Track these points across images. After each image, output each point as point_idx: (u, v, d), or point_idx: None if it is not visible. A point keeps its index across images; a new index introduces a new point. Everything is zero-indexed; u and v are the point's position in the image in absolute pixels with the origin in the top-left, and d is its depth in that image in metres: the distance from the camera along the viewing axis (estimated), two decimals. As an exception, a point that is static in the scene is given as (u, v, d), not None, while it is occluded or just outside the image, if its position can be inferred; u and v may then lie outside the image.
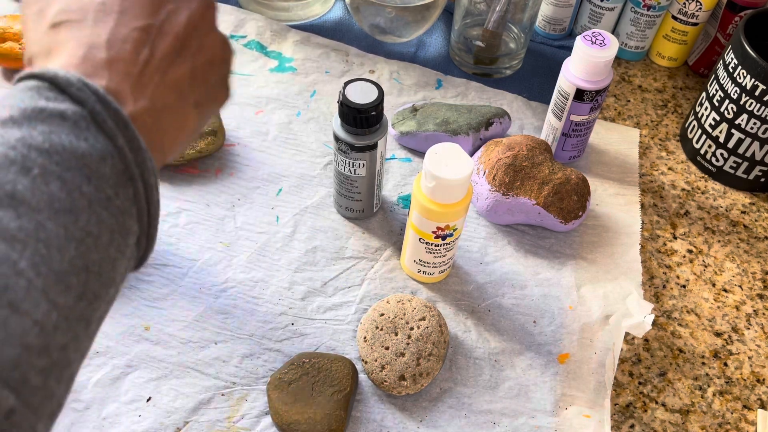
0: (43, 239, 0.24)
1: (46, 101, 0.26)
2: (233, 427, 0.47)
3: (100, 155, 0.26)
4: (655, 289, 0.58)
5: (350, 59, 0.72)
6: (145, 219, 0.28)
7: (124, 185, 0.27)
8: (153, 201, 0.29)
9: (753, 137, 0.61)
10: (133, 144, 0.27)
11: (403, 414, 0.49)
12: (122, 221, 0.27)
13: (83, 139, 0.26)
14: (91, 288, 0.25)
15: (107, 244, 0.26)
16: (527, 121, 0.69)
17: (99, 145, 0.26)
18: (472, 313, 0.54)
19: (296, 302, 0.54)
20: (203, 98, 0.33)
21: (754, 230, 0.63)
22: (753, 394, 0.52)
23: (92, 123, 0.26)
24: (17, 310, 0.22)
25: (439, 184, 0.47)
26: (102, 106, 0.27)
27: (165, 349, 0.50)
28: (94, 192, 0.25)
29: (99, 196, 0.26)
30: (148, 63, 0.30)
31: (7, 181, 0.24)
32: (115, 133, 0.27)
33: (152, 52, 0.30)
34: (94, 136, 0.26)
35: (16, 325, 0.22)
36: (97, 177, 0.26)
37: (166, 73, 0.30)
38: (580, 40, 0.56)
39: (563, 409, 0.50)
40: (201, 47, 0.32)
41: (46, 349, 0.23)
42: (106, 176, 0.26)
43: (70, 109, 0.26)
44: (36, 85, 0.26)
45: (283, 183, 0.61)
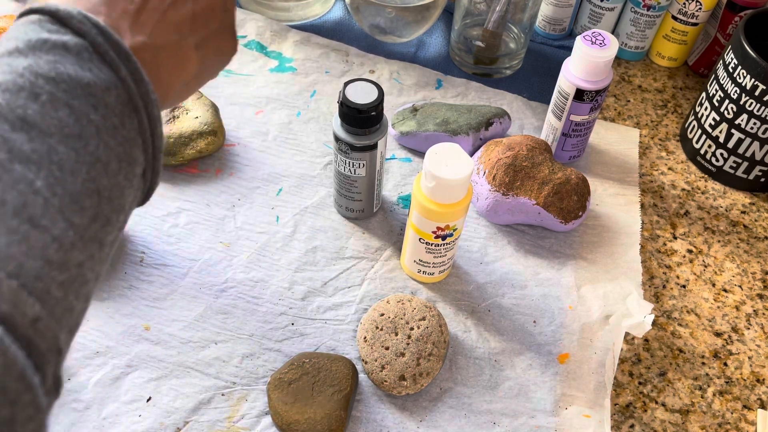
0: (56, 161, 0.24)
1: (49, 33, 0.26)
2: (233, 427, 0.47)
3: (104, 85, 0.27)
4: (655, 289, 0.58)
5: (350, 59, 0.72)
6: (150, 150, 0.29)
7: (129, 115, 0.27)
8: (157, 133, 0.29)
9: (753, 137, 0.61)
10: (135, 75, 0.28)
11: (403, 414, 0.49)
12: (129, 150, 0.27)
13: (87, 69, 0.26)
14: (103, 211, 0.26)
15: (116, 171, 0.27)
16: (527, 121, 0.69)
17: (103, 75, 0.27)
18: (472, 313, 0.54)
19: (296, 302, 0.54)
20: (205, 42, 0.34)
21: (754, 230, 0.63)
22: (753, 394, 0.52)
23: (95, 54, 0.27)
24: (37, 226, 0.23)
25: (439, 184, 0.47)
26: (103, 38, 0.27)
27: (165, 349, 0.50)
28: (101, 120, 0.26)
29: (106, 125, 0.26)
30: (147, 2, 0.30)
31: (17, 105, 0.24)
32: (117, 65, 0.27)
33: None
34: (98, 67, 0.27)
35: (37, 239, 0.23)
36: (104, 106, 0.26)
37: (166, 12, 0.31)
38: (580, 40, 0.56)
39: (563, 409, 0.50)
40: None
41: (65, 264, 0.24)
42: (112, 106, 0.27)
43: (72, 40, 0.27)
44: (38, 18, 0.27)
45: (283, 183, 0.61)
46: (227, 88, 0.68)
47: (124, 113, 0.27)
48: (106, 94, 0.27)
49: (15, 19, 0.28)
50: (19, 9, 0.72)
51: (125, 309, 0.52)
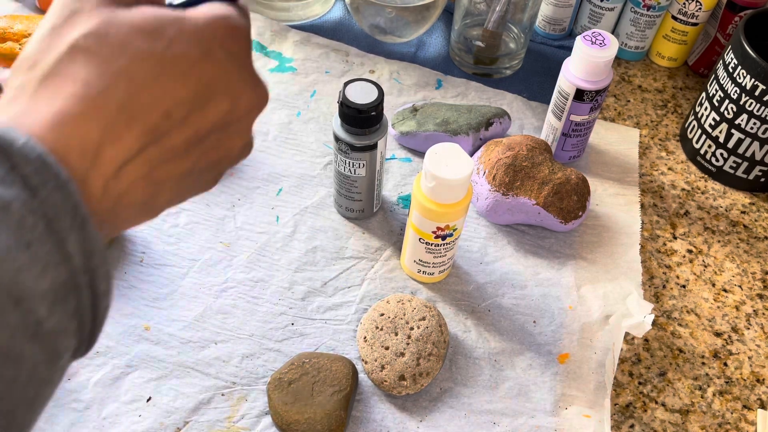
0: None
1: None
2: (233, 427, 0.47)
3: (42, 266, 0.21)
4: (655, 289, 0.58)
5: (350, 59, 0.72)
6: (87, 329, 0.23)
7: (63, 300, 0.22)
8: (100, 308, 0.24)
9: (753, 137, 0.61)
10: (85, 247, 0.22)
11: (403, 414, 0.49)
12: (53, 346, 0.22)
13: (24, 244, 0.20)
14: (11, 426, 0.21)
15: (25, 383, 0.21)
16: (527, 121, 0.69)
17: (42, 252, 0.21)
18: (472, 313, 0.54)
19: (296, 302, 0.54)
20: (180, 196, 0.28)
21: (754, 230, 0.63)
22: (753, 394, 0.52)
23: (41, 220, 0.21)
24: None
25: (439, 184, 0.47)
26: (60, 196, 0.21)
27: (165, 349, 0.50)
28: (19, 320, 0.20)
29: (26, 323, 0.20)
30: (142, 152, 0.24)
31: None
32: (66, 236, 0.21)
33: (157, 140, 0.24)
34: (40, 239, 0.21)
35: None
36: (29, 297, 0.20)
37: (155, 170, 0.25)
38: (580, 40, 0.56)
39: (563, 409, 0.50)
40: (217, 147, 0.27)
41: None
42: (42, 293, 0.21)
43: (18, 198, 0.20)
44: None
45: (283, 183, 0.61)
46: (227, 88, 0.68)
47: (57, 299, 0.21)
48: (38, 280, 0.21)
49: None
50: (19, 9, 0.72)
51: (125, 309, 0.52)
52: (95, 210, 0.24)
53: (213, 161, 0.28)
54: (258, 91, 0.28)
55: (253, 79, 0.27)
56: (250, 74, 0.27)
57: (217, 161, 0.28)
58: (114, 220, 0.25)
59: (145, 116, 0.24)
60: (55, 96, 0.23)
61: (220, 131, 0.27)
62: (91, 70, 0.23)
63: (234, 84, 0.26)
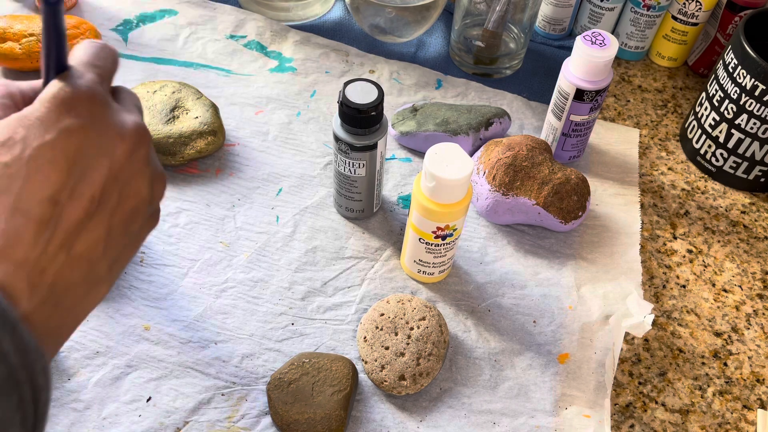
0: None
1: None
2: (233, 427, 0.47)
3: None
4: (655, 289, 0.58)
5: (350, 59, 0.72)
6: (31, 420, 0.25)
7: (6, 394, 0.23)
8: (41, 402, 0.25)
9: (753, 137, 0.61)
10: (20, 346, 0.24)
11: (403, 414, 0.49)
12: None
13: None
14: None
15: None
16: (527, 121, 0.69)
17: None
18: (472, 313, 0.54)
19: (296, 302, 0.54)
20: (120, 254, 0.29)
21: (754, 230, 0.63)
22: (753, 394, 0.52)
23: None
24: None
25: (439, 184, 0.47)
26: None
27: (165, 349, 0.50)
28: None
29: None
30: (50, 242, 0.26)
31: None
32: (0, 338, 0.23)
33: (57, 225, 0.26)
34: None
35: None
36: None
37: (74, 246, 0.26)
38: (580, 40, 0.56)
39: (563, 409, 0.50)
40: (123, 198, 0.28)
41: None
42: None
43: None
44: None
45: (283, 183, 0.61)
46: (227, 88, 0.68)
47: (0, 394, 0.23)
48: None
49: None
50: (19, 9, 0.72)
51: (125, 309, 0.52)
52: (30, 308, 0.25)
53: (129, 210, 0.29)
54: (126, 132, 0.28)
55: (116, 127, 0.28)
56: (110, 126, 0.28)
57: (134, 208, 0.29)
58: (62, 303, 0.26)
59: (33, 213, 0.25)
60: None
61: (114, 185, 0.28)
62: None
63: (99, 142, 0.27)
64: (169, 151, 0.59)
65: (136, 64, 0.69)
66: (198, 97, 0.62)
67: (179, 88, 0.62)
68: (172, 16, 0.74)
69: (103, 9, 0.74)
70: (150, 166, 0.30)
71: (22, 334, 0.24)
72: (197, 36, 0.72)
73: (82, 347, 0.50)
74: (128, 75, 0.68)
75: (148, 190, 0.30)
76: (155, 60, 0.70)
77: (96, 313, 0.51)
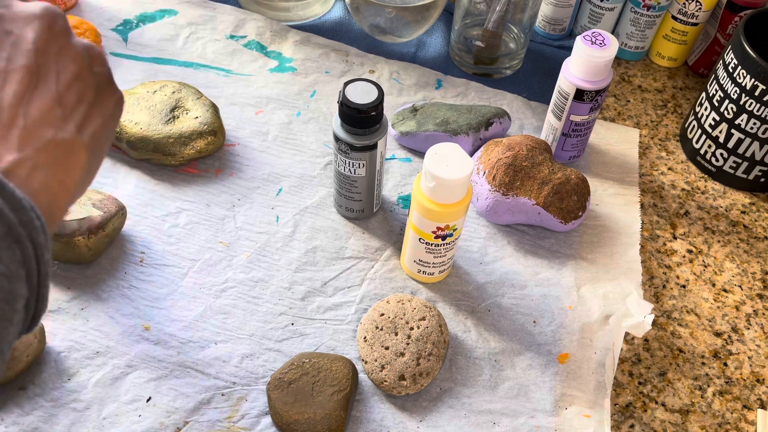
0: None
1: None
2: (233, 427, 0.47)
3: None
4: (655, 289, 0.58)
5: (350, 59, 0.72)
6: (35, 279, 0.27)
7: (9, 247, 0.25)
8: (43, 260, 0.27)
9: (753, 137, 0.61)
10: (13, 203, 0.26)
11: (403, 414, 0.49)
12: (8, 287, 0.25)
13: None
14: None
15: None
16: (527, 121, 0.69)
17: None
18: (472, 313, 0.54)
19: (296, 302, 0.54)
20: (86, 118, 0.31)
21: (753, 230, 0.63)
22: (753, 394, 0.52)
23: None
24: None
25: (439, 184, 0.47)
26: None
27: (165, 349, 0.50)
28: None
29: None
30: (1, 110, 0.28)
31: None
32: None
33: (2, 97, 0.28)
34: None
35: None
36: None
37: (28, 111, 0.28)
38: (580, 40, 0.56)
39: (563, 409, 0.50)
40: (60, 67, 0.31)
41: None
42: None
43: None
44: None
45: (283, 183, 0.61)
46: (227, 88, 0.68)
47: (2, 246, 0.25)
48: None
49: None
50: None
51: (125, 309, 0.52)
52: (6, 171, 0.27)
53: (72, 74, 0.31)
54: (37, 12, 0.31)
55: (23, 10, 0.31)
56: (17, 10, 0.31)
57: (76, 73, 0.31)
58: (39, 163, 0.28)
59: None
60: None
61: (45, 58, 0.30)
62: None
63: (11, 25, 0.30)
64: (169, 151, 0.59)
65: (136, 64, 0.69)
66: (198, 97, 0.62)
67: (179, 88, 0.62)
68: (172, 16, 0.74)
69: (103, 9, 0.74)
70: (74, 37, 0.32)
71: (11, 191, 0.26)
72: (197, 36, 0.72)
73: (82, 347, 0.50)
74: (128, 75, 0.68)
75: (83, 55, 0.32)
76: (155, 60, 0.70)
77: (96, 313, 0.51)
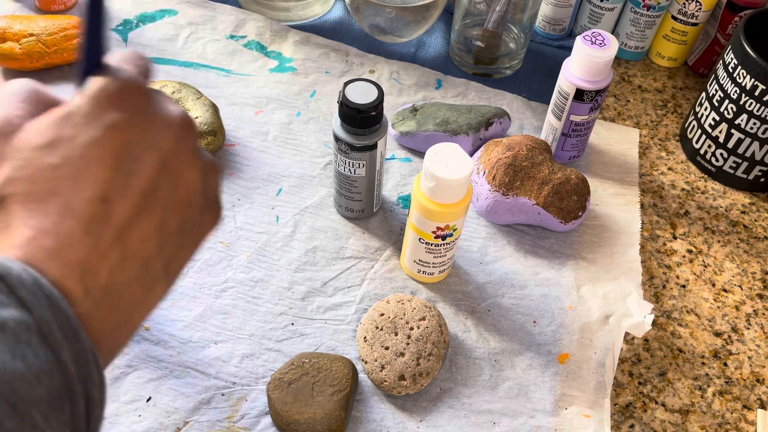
0: None
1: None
2: (233, 427, 0.47)
3: (36, 375, 0.22)
4: (654, 289, 0.58)
5: (350, 59, 0.72)
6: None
7: (59, 407, 0.23)
8: (94, 418, 0.24)
9: (753, 137, 0.61)
10: (79, 357, 0.23)
11: (403, 414, 0.49)
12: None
13: (20, 357, 0.22)
14: None
15: None
16: (527, 121, 0.69)
17: (38, 362, 0.22)
18: (472, 313, 0.54)
19: (296, 302, 0.54)
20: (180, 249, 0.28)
21: (753, 230, 0.63)
22: (753, 394, 0.52)
23: (36, 334, 0.23)
24: None
25: (439, 184, 0.47)
26: (52, 312, 0.23)
27: (165, 349, 0.50)
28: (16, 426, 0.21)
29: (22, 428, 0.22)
30: (101, 240, 0.25)
31: None
32: (60, 347, 0.23)
33: (108, 223, 0.25)
34: (34, 352, 0.22)
35: None
36: (25, 404, 0.22)
37: (126, 243, 0.26)
38: (580, 40, 0.56)
39: (563, 409, 0.50)
40: (174, 190, 0.28)
41: None
42: (37, 400, 0.22)
43: (13, 318, 0.22)
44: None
45: (283, 183, 0.61)
46: (227, 88, 0.68)
47: (53, 406, 0.23)
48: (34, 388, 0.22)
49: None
50: (19, 9, 0.72)
51: (125, 309, 0.52)
52: (85, 310, 0.25)
53: (182, 202, 0.28)
54: (173, 122, 0.28)
55: (160, 117, 0.28)
56: (156, 116, 0.28)
57: (186, 200, 0.28)
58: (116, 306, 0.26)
59: (84, 213, 0.25)
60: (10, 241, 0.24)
61: (164, 177, 0.27)
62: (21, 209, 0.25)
63: (146, 133, 0.27)
64: (169, 151, 0.59)
65: (136, 64, 0.69)
66: (198, 97, 0.62)
67: (179, 88, 0.62)
68: (172, 16, 0.74)
69: (103, 9, 0.74)
70: (199, 155, 0.29)
71: (83, 343, 0.24)
72: (197, 36, 0.72)
73: (82, 347, 0.50)
74: (128, 75, 0.68)
75: (200, 180, 0.29)
76: (155, 60, 0.70)
77: (96, 313, 0.51)
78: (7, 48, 0.64)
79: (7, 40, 0.64)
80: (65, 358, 0.23)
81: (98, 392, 0.24)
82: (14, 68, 0.65)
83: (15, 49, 0.64)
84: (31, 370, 0.22)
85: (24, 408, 0.22)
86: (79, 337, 0.24)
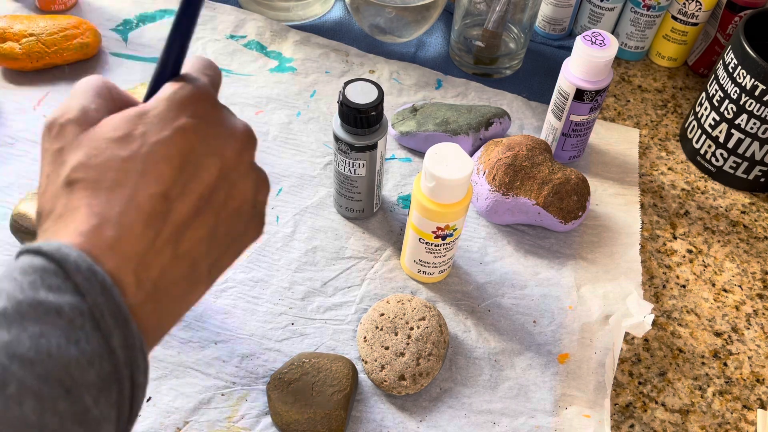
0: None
1: (47, 291, 0.24)
2: (233, 427, 0.47)
3: (88, 359, 0.24)
4: (654, 289, 0.58)
5: (350, 59, 0.72)
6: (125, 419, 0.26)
7: (107, 390, 0.24)
8: (137, 401, 0.26)
9: (753, 137, 0.61)
10: (128, 342, 0.25)
11: (403, 414, 0.49)
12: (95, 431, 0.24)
13: (74, 341, 0.23)
14: None
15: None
16: (527, 121, 0.69)
17: (90, 347, 0.24)
18: (472, 313, 0.54)
19: (296, 302, 0.54)
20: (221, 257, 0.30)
21: (753, 230, 0.63)
22: (753, 394, 0.52)
23: (89, 320, 0.24)
24: None
25: (439, 184, 0.47)
26: (105, 299, 0.24)
27: (165, 349, 0.50)
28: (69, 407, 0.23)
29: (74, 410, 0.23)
30: (159, 236, 0.26)
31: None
32: (111, 333, 0.24)
33: (167, 221, 0.27)
34: (87, 337, 0.24)
35: None
36: (78, 387, 0.23)
37: (179, 242, 0.27)
38: (580, 40, 0.56)
39: (563, 409, 0.50)
40: (229, 197, 0.29)
41: None
42: (89, 384, 0.24)
43: (69, 303, 0.24)
44: (42, 266, 0.24)
45: (283, 183, 0.61)
46: (227, 88, 0.68)
47: (102, 388, 0.24)
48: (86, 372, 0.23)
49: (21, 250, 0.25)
50: (19, 9, 0.72)
51: (125, 309, 0.52)
52: (135, 303, 0.26)
53: (233, 210, 0.29)
54: (237, 134, 0.29)
55: (228, 128, 0.29)
56: (222, 126, 0.29)
57: (237, 208, 0.30)
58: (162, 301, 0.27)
59: (145, 207, 0.26)
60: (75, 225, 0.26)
61: (222, 184, 0.29)
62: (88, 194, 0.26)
63: (212, 141, 0.28)
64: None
65: (136, 64, 0.69)
66: (198, 97, 0.62)
67: (179, 88, 0.62)
68: (172, 16, 0.74)
69: (103, 9, 0.74)
70: (254, 168, 0.31)
71: (132, 331, 0.25)
72: (197, 36, 0.72)
73: (82, 347, 0.50)
74: (128, 75, 0.68)
75: (253, 191, 0.30)
76: (155, 60, 0.70)
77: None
78: (7, 48, 0.64)
79: (7, 40, 0.64)
80: (115, 344, 0.24)
81: (143, 377, 0.26)
82: (14, 68, 0.65)
83: (15, 49, 0.64)
84: (84, 354, 0.23)
85: (77, 391, 0.23)
86: (129, 325, 0.25)
